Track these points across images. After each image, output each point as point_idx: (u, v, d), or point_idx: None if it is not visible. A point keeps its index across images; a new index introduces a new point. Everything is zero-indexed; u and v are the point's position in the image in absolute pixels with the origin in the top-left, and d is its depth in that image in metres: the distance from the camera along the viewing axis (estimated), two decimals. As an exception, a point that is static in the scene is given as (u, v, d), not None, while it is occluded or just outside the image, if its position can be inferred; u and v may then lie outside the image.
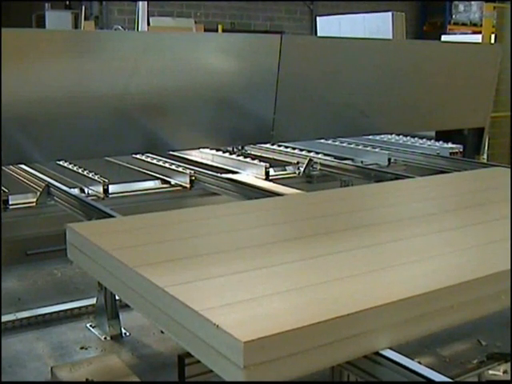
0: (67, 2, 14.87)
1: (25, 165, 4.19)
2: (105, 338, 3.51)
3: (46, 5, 14.20)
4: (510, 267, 2.05)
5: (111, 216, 2.99)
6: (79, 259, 2.50)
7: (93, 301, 3.68)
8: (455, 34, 14.98)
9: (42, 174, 4.13)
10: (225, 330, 1.56)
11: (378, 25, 7.48)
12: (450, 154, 5.32)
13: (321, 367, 1.68)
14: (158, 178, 4.45)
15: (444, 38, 12.11)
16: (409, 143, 5.68)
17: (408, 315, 1.82)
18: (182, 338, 1.79)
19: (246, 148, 5.48)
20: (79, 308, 3.83)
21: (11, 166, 4.24)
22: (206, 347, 1.65)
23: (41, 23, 14.15)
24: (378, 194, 3.38)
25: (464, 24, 17.28)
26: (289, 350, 1.58)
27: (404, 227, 2.63)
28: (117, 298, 3.58)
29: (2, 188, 3.80)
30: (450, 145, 5.48)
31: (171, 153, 4.81)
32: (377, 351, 1.73)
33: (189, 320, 1.72)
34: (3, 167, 4.01)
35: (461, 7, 18.03)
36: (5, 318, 3.68)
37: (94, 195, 4.04)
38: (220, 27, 15.28)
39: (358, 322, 1.70)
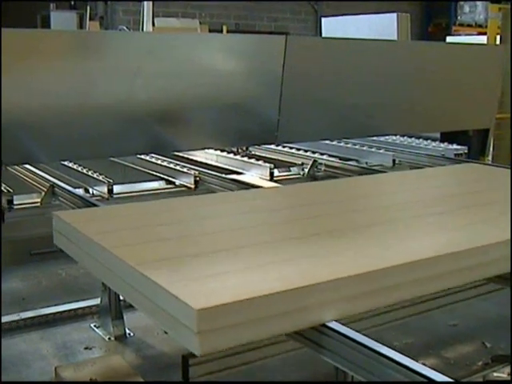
0: (72, 3, 14.89)
1: (30, 165, 4.19)
2: (109, 339, 3.52)
3: (51, 5, 14.22)
4: (454, 250, 2.25)
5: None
6: (64, 245, 2.66)
7: (97, 301, 3.69)
8: (460, 35, 14.95)
9: (46, 174, 4.13)
10: (182, 300, 1.75)
11: (383, 26, 7.46)
12: (455, 155, 5.32)
13: (270, 335, 1.88)
14: (162, 179, 4.45)
15: (449, 39, 12.09)
16: (413, 144, 5.67)
17: (353, 291, 1.98)
18: (147, 309, 2.01)
19: (250, 149, 5.48)
20: (83, 308, 3.84)
21: (16, 166, 4.24)
22: (168, 316, 1.84)
23: (46, 23, 14.17)
24: (354, 186, 3.64)
25: (469, 25, 17.27)
26: (240, 319, 1.76)
27: (364, 215, 2.84)
28: (121, 298, 3.59)
29: (7, 188, 3.80)
30: (454, 146, 5.47)
31: (176, 153, 4.81)
32: (323, 323, 1.90)
33: (153, 293, 1.92)
34: (8, 167, 4.02)
35: (466, 8, 18.01)
36: (9, 318, 3.69)
37: (99, 195, 4.04)
38: (225, 28, 15.29)
39: (305, 295, 1.87)
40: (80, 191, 4.00)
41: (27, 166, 4.23)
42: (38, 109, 3.28)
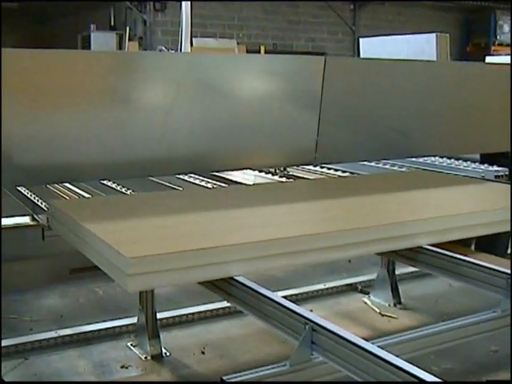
0: (112, 23, 15.12)
1: (68, 183, 4.23)
2: (145, 358, 3.52)
3: (92, 26, 14.46)
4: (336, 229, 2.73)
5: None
6: (55, 226, 3.05)
7: (134, 320, 3.70)
8: (500, 55, 14.80)
9: (84, 191, 4.17)
10: (118, 250, 2.25)
11: (422, 46, 7.42)
12: (495, 177, 5.23)
13: (188, 282, 2.48)
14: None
15: (488, 59, 11.96)
16: (453, 166, 5.60)
17: (257, 254, 2.46)
18: (96, 259, 2.53)
19: (288, 169, 5.46)
20: (120, 327, 3.86)
21: (55, 184, 4.28)
22: (109, 264, 2.36)
23: (86, 43, 14.41)
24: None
25: (508, 45, 17.09)
26: (164, 267, 2.26)
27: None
28: (158, 317, 3.59)
29: (47, 205, 3.83)
30: (495, 168, 5.39)
31: (214, 174, 4.81)
32: (231, 276, 2.43)
33: (102, 248, 2.42)
34: (48, 185, 4.06)
35: (505, 28, 17.85)
36: (47, 335, 3.73)
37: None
38: (262, 48, 15.36)
39: (218, 254, 2.37)
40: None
41: (65, 184, 4.27)
42: (77, 127, 3.31)
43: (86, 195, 3.92)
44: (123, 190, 4.40)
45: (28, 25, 19.81)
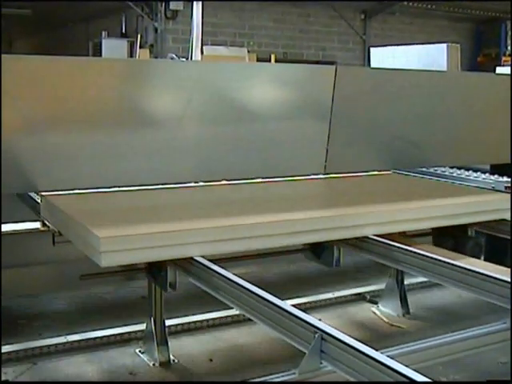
0: (123, 31, 15.19)
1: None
2: (153, 365, 3.52)
3: (103, 33, 14.52)
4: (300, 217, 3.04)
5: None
6: (44, 214, 3.25)
7: (142, 326, 3.70)
8: (510, 65, 14.77)
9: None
10: (92, 231, 2.60)
11: (432, 56, 7.41)
12: (505, 187, 5.21)
13: (153, 259, 2.74)
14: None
15: (499, 69, 11.95)
16: (463, 176, 5.58)
17: (212, 238, 2.79)
18: (76, 241, 2.86)
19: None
20: (129, 333, 3.86)
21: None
22: (86, 244, 2.69)
23: (97, 50, 14.47)
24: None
25: (518, 55, 17.06)
26: (132, 247, 2.59)
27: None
28: (166, 324, 3.60)
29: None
30: (505, 179, 5.37)
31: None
32: (190, 256, 2.72)
33: (80, 230, 2.75)
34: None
35: (516, 39, 17.80)
36: (55, 341, 3.74)
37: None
38: (273, 57, 15.37)
39: (178, 236, 2.71)
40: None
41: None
42: (87, 135, 3.33)
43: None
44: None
45: (40, 31, 19.94)
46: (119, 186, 4.25)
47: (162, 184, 3.58)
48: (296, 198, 3.64)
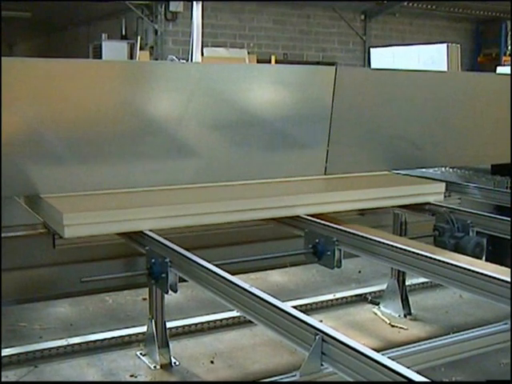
0: (123, 33, 15.20)
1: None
2: (154, 367, 3.52)
3: (103, 35, 14.54)
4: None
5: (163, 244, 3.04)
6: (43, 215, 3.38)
7: (143, 329, 3.70)
8: (510, 65, 14.77)
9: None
10: (58, 209, 3.01)
11: (432, 56, 7.41)
12: (506, 187, 5.21)
13: (109, 232, 3.11)
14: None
15: (499, 69, 11.95)
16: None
17: (162, 214, 3.17)
18: (49, 220, 3.20)
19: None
20: (130, 336, 3.86)
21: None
22: (54, 220, 3.07)
23: (98, 52, 14.48)
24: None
25: (518, 55, 17.06)
26: (91, 221, 3.01)
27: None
28: (167, 326, 3.59)
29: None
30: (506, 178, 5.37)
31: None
32: (141, 230, 3.11)
33: (52, 211, 3.10)
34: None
35: (516, 39, 17.80)
36: (57, 344, 3.73)
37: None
38: (273, 58, 15.39)
39: (131, 213, 3.12)
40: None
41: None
42: (87, 137, 3.33)
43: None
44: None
45: (40, 34, 19.97)
46: (119, 188, 4.28)
47: (160, 185, 3.58)
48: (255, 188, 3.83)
